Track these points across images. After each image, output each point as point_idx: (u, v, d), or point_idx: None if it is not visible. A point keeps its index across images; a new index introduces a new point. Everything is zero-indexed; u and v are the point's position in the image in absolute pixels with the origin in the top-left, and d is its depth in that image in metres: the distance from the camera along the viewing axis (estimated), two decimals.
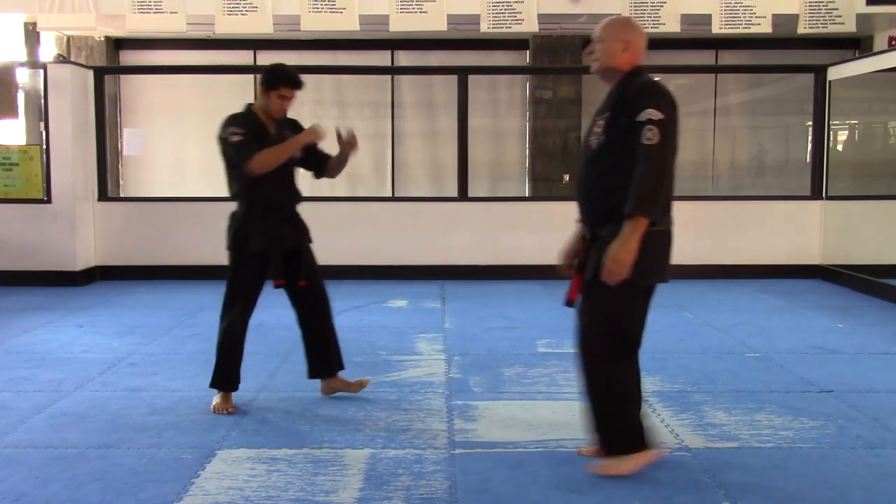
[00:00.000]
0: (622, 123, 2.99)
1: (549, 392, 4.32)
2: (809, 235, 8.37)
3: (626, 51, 3.12)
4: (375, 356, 5.09)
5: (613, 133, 3.04)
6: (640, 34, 3.19)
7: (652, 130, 2.87)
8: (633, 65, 3.13)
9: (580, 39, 10.10)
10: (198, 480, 3.13)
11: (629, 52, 3.12)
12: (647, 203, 2.90)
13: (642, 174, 2.89)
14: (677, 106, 3.00)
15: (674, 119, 2.96)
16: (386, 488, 3.05)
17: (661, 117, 2.89)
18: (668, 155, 2.93)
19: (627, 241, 2.91)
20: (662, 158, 2.91)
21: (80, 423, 3.81)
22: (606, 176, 3.05)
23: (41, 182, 7.85)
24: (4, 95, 7.88)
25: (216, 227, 8.28)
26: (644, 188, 2.89)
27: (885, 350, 5.29)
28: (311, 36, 9.49)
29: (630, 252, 2.91)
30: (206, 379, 4.54)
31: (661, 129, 2.88)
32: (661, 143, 2.88)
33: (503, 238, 8.35)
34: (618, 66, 3.13)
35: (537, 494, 3.00)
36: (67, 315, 6.45)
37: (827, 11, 8.08)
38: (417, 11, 8.01)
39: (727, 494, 3.00)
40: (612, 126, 3.06)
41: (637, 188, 2.89)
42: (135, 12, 8.00)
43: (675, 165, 3.02)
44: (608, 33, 3.15)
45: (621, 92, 3.07)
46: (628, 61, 3.12)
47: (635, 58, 3.14)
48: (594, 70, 3.22)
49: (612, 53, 3.13)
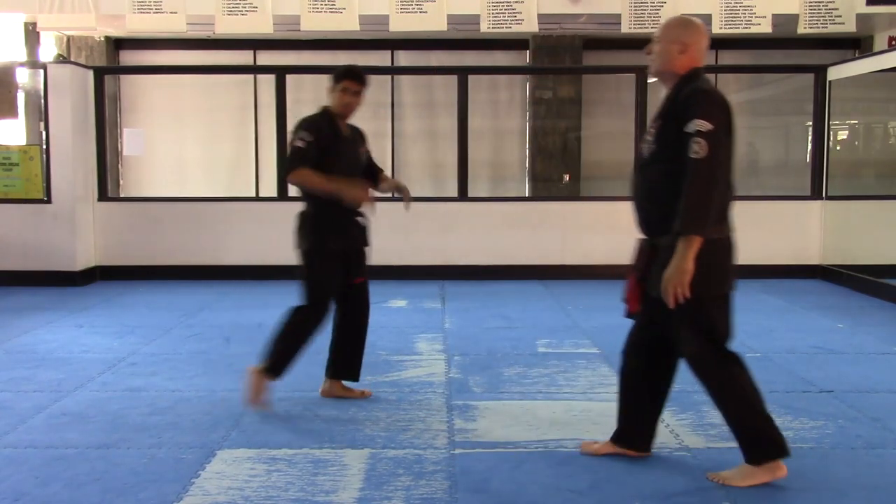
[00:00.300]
0: (672, 132, 2.90)
1: (549, 392, 4.32)
2: (809, 235, 8.37)
3: (683, 53, 3.02)
4: (375, 356, 5.08)
5: (664, 142, 2.96)
6: (701, 35, 3.06)
7: (699, 143, 2.78)
8: (690, 68, 3.02)
9: (580, 39, 10.11)
10: (198, 480, 3.13)
11: (687, 54, 3.02)
12: (697, 220, 2.81)
13: (690, 190, 2.80)
14: (731, 112, 2.90)
15: (726, 127, 2.86)
16: (386, 488, 3.05)
17: (709, 128, 2.78)
18: (717, 167, 2.82)
19: (682, 262, 2.83)
20: (710, 172, 2.80)
21: (80, 423, 3.81)
22: (658, 185, 2.98)
23: (41, 182, 7.85)
24: (4, 95, 7.88)
25: (216, 227, 8.39)
26: (692, 205, 2.80)
27: (885, 350, 5.29)
28: (311, 36, 9.49)
29: (685, 272, 2.83)
30: (207, 379, 4.55)
31: (710, 140, 2.78)
32: (710, 156, 2.78)
33: (503, 238, 8.35)
34: (674, 69, 3.03)
35: (537, 494, 3.00)
36: (67, 315, 6.45)
37: (827, 11, 8.08)
38: (417, 11, 8.01)
39: (727, 494, 3.00)
40: (662, 134, 2.98)
41: (685, 205, 2.80)
42: (135, 12, 8.00)
43: (731, 172, 2.92)
44: (665, 34, 3.06)
45: (674, 98, 2.98)
46: (685, 64, 3.02)
47: (693, 60, 3.03)
48: (651, 72, 3.13)
49: (668, 55, 3.04)
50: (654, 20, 8.04)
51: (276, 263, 8.30)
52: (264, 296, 7.34)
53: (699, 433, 3.67)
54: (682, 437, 3.62)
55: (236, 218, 8.36)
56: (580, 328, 5.95)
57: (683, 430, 3.70)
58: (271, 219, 8.34)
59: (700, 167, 2.79)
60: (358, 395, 4.21)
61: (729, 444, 3.52)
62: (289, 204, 8.46)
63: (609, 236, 8.41)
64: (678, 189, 2.83)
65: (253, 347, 5.34)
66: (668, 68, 3.05)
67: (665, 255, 2.92)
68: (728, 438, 3.59)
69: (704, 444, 3.53)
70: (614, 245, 8.43)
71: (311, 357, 5.07)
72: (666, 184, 2.92)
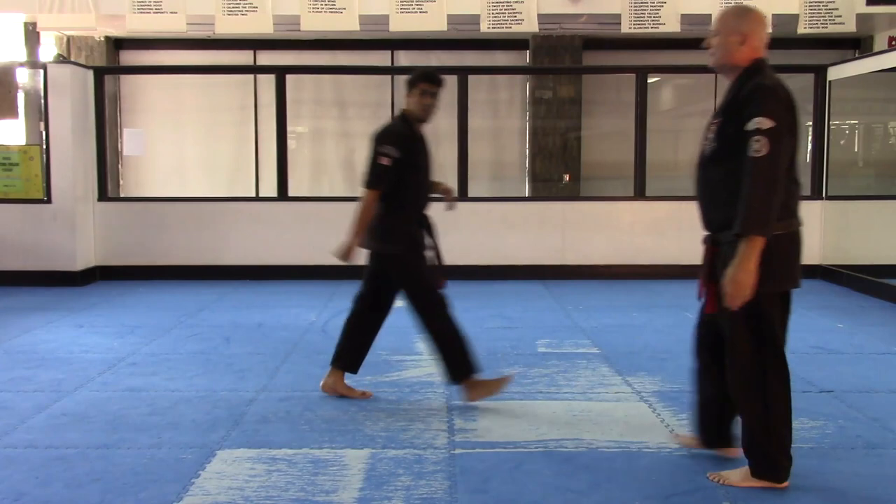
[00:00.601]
0: (733, 130, 2.82)
1: (549, 392, 4.32)
2: (809, 235, 8.27)
3: (743, 44, 2.91)
4: (375, 356, 5.08)
5: (725, 139, 2.87)
6: (760, 24, 2.94)
7: (760, 141, 2.69)
8: (752, 59, 2.92)
9: (580, 39, 10.11)
10: (198, 480, 3.13)
11: (747, 45, 2.91)
12: (758, 221, 2.72)
13: (750, 190, 2.71)
14: (795, 107, 2.82)
15: (789, 124, 2.77)
16: (386, 488, 3.05)
17: (770, 126, 2.69)
18: (777, 167, 2.72)
19: (744, 262, 2.74)
20: (772, 171, 2.71)
21: (80, 423, 3.81)
22: (721, 183, 2.90)
23: (41, 182, 7.85)
24: (4, 95, 7.88)
25: (216, 227, 8.39)
26: (752, 205, 2.71)
27: (885, 350, 5.29)
28: (311, 36, 9.49)
29: (749, 273, 2.74)
30: (207, 379, 4.55)
31: (771, 138, 2.69)
32: (770, 155, 2.69)
33: (503, 238, 8.35)
34: (735, 61, 2.93)
35: (537, 494, 3.00)
36: (67, 315, 6.45)
37: (827, 11, 8.08)
38: (417, 11, 8.01)
39: (727, 494, 3.00)
40: (723, 131, 2.89)
41: (745, 206, 2.72)
42: (135, 12, 8.01)
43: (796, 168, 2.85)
44: (724, 25, 2.96)
45: (736, 93, 2.89)
46: (747, 56, 2.92)
47: (755, 51, 2.92)
48: (712, 65, 3.03)
49: (728, 48, 2.93)
50: (654, 20, 8.04)
51: (276, 263, 8.31)
52: (264, 296, 7.34)
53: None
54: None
55: (236, 218, 8.36)
56: (580, 328, 5.95)
57: (683, 430, 3.70)
58: (271, 219, 8.34)
59: (760, 166, 2.70)
60: (358, 395, 4.21)
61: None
62: (289, 204, 8.53)
63: (609, 236, 8.42)
64: (739, 188, 2.75)
65: (252, 347, 5.35)
66: (728, 61, 2.95)
67: (726, 252, 2.86)
68: None
69: None
70: (614, 245, 8.45)
71: (310, 357, 5.09)
72: (727, 183, 2.84)
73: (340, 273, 8.27)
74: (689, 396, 4.22)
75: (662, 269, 8.31)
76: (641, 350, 5.24)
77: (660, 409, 4.03)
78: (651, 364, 4.89)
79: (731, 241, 2.82)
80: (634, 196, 8.51)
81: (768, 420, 2.96)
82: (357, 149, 10.53)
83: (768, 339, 2.93)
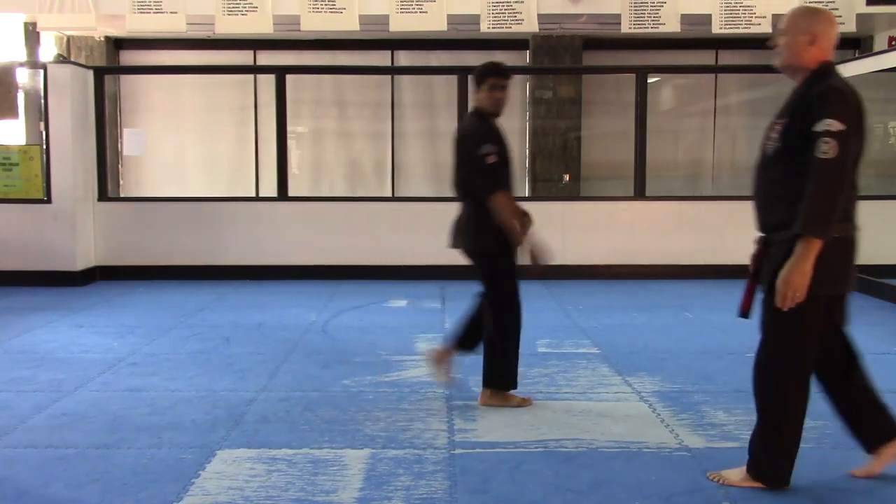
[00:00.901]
0: (799, 130, 2.78)
1: (549, 392, 4.32)
2: None
3: (812, 45, 2.87)
4: (375, 356, 5.09)
5: (791, 140, 2.83)
6: (831, 25, 2.90)
7: (828, 143, 2.66)
8: (820, 61, 2.88)
9: (580, 39, 10.11)
10: (198, 480, 3.13)
11: (816, 46, 2.87)
12: (820, 223, 2.68)
13: (815, 191, 2.68)
14: (863, 111, 2.80)
15: (857, 127, 2.75)
16: (386, 488, 3.05)
17: (840, 128, 2.66)
18: (845, 170, 2.71)
19: (800, 264, 2.71)
20: (838, 174, 2.69)
21: (80, 423, 3.81)
22: (782, 183, 2.86)
23: (41, 182, 7.85)
24: (4, 95, 7.88)
25: (216, 227, 8.38)
26: (816, 207, 2.68)
27: (885, 350, 5.29)
28: (311, 36, 9.49)
29: (804, 275, 2.71)
30: (207, 379, 4.55)
31: (840, 141, 2.66)
32: (838, 158, 2.66)
33: None
34: (803, 62, 2.89)
35: (537, 494, 3.00)
36: (67, 315, 6.45)
37: None
38: (417, 11, 8.01)
39: (727, 494, 3.00)
40: (789, 132, 2.84)
41: (808, 207, 2.68)
42: (135, 12, 8.00)
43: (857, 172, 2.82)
44: (792, 25, 2.92)
45: (803, 94, 2.85)
46: (815, 57, 2.88)
47: (824, 52, 2.88)
48: (777, 65, 2.99)
49: (796, 48, 2.89)
50: (654, 20, 8.04)
51: (276, 263, 8.31)
52: (264, 296, 7.34)
53: (699, 433, 3.67)
54: (682, 437, 3.61)
55: (236, 218, 8.36)
56: (580, 328, 5.95)
57: (683, 430, 3.70)
58: (271, 219, 8.34)
59: (828, 168, 2.67)
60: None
61: (728, 444, 3.53)
62: (289, 204, 8.53)
63: (609, 236, 8.42)
64: (801, 189, 2.72)
65: (252, 347, 5.35)
66: (796, 62, 2.91)
67: (777, 251, 2.83)
68: (728, 438, 3.60)
69: (704, 444, 3.53)
70: (614, 245, 8.45)
71: (310, 357, 5.09)
72: (789, 183, 2.80)
73: (341, 273, 8.31)
74: (689, 396, 4.23)
75: (662, 269, 8.31)
76: (641, 350, 5.24)
77: (660, 409, 4.03)
78: (651, 364, 4.90)
79: (783, 241, 2.79)
80: (634, 196, 8.51)
81: (777, 422, 2.95)
82: (358, 149, 10.53)
83: (798, 345, 2.90)
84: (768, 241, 2.96)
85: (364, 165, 10.50)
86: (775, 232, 2.90)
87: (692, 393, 4.31)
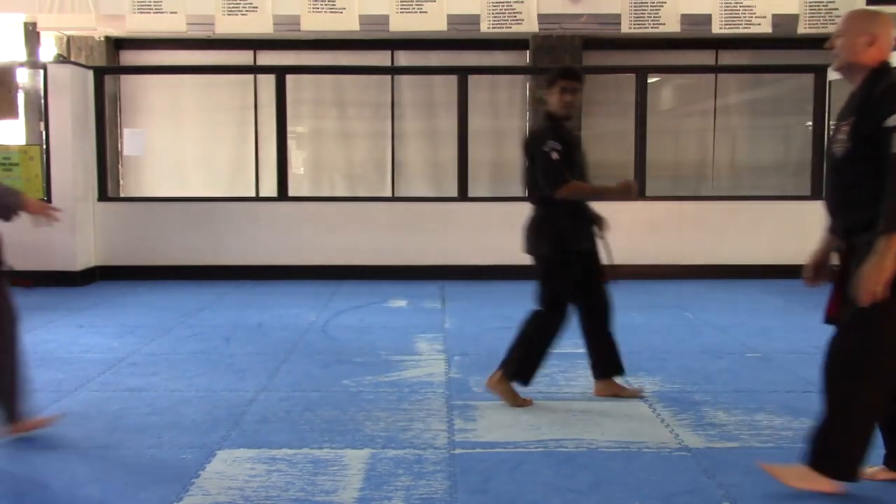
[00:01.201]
0: (868, 128, 2.77)
1: (549, 392, 4.32)
2: (809, 235, 8.30)
3: (871, 45, 2.86)
4: (375, 356, 5.09)
5: (859, 139, 2.80)
6: (889, 26, 2.89)
7: None
8: (880, 61, 2.87)
9: (580, 39, 10.11)
10: (198, 480, 3.13)
11: (876, 46, 2.86)
12: None
13: (892, 187, 2.65)
14: None
15: None
16: (386, 488, 3.05)
17: None
18: None
19: (881, 261, 2.68)
20: None
21: (80, 423, 3.81)
22: (856, 185, 2.83)
23: (41, 182, 7.85)
24: (4, 95, 7.88)
25: (216, 227, 8.39)
26: (894, 203, 2.66)
27: None
28: (311, 36, 9.49)
29: (885, 271, 2.68)
30: (207, 379, 4.55)
31: None
32: None
33: (503, 238, 8.31)
34: (863, 62, 2.88)
35: (537, 494, 3.00)
36: (67, 315, 6.45)
37: (827, 11, 8.08)
38: (417, 11, 8.01)
39: (727, 494, 3.00)
40: (857, 132, 2.82)
41: (888, 203, 2.67)
42: (135, 12, 8.00)
43: None
44: (850, 26, 2.91)
45: (867, 93, 2.83)
46: (875, 57, 2.87)
47: (883, 52, 2.87)
48: (835, 67, 2.99)
49: (855, 49, 2.88)
50: (654, 20, 8.04)
51: (276, 263, 8.31)
52: (264, 296, 7.35)
53: (699, 433, 3.67)
54: (682, 437, 3.61)
55: (236, 218, 8.36)
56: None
57: (683, 430, 3.70)
58: (271, 219, 8.35)
59: None
60: (632, 394, 4.17)
61: (729, 444, 3.53)
62: (289, 204, 8.53)
63: (609, 236, 8.41)
64: (877, 190, 2.71)
65: (252, 347, 5.36)
66: (855, 61, 2.90)
67: (862, 253, 2.81)
68: (728, 438, 3.60)
69: (704, 444, 3.53)
70: (614, 245, 8.42)
71: (310, 357, 5.09)
72: (865, 185, 2.78)
73: (341, 273, 8.31)
74: (689, 396, 4.23)
75: (662, 269, 8.31)
76: (641, 350, 5.24)
77: (660, 409, 4.03)
78: (651, 364, 4.90)
79: (869, 242, 2.76)
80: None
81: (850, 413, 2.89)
82: (357, 148, 10.53)
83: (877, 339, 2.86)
84: (852, 245, 2.93)
85: (364, 165, 10.49)
86: (857, 235, 2.88)
87: (692, 393, 4.31)
